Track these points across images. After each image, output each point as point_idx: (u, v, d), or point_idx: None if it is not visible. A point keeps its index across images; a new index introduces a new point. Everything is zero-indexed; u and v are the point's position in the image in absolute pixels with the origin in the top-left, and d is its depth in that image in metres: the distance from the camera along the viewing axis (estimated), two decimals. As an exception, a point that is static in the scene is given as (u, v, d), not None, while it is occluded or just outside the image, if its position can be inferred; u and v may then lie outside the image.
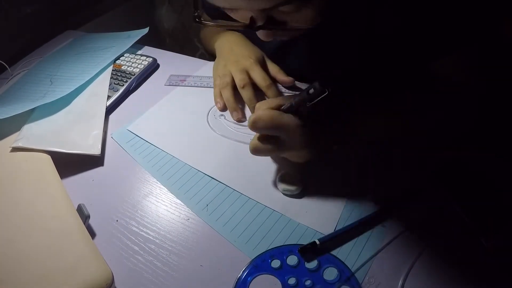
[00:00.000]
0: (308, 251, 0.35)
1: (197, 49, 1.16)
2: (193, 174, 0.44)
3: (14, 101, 0.56)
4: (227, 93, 0.52)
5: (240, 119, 0.51)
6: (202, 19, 0.38)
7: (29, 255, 0.35)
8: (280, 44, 0.56)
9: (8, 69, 0.68)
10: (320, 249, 0.35)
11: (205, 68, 0.62)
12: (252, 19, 0.35)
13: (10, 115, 0.50)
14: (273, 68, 0.55)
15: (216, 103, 0.53)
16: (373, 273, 0.33)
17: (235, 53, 0.56)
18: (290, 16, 0.35)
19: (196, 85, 0.58)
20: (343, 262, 0.34)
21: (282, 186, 0.40)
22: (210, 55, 0.69)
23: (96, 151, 0.46)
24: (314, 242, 0.35)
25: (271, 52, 0.57)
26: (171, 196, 0.42)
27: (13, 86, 0.62)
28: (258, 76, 0.51)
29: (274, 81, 0.53)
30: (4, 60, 0.67)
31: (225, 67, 0.54)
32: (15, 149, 0.46)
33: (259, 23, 0.36)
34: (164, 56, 0.66)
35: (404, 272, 0.33)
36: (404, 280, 0.33)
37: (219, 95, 0.53)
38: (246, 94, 0.50)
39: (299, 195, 0.41)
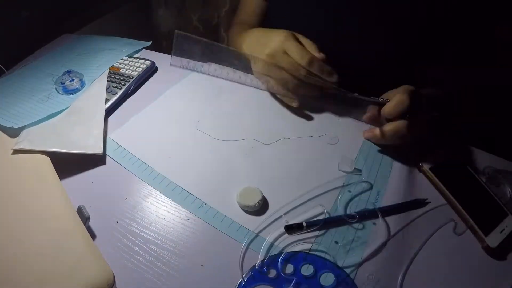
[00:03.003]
0: (293, 228, 0.36)
1: (194, 52, 1.16)
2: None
3: (17, 104, 0.55)
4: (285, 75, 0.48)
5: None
6: None
7: (30, 257, 0.35)
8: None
9: (6, 72, 0.67)
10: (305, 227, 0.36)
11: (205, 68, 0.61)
12: None
13: (23, 124, 0.50)
14: (305, 42, 0.49)
15: (291, 102, 0.52)
16: (372, 270, 0.34)
17: (263, 42, 0.52)
18: None
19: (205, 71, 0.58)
20: (339, 266, 0.34)
21: (241, 203, 0.40)
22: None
23: (98, 150, 0.46)
24: (301, 223, 0.36)
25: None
26: (171, 197, 0.42)
27: (11, 86, 0.62)
28: (296, 53, 0.47)
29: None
30: (1, 63, 0.67)
31: (269, 57, 0.50)
32: (16, 151, 0.46)
33: None
34: (162, 59, 0.66)
35: (403, 269, 0.34)
36: (403, 277, 0.33)
37: (289, 90, 0.51)
38: (317, 68, 0.46)
39: (258, 212, 0.40)
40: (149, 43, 0.71)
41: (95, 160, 0.47)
